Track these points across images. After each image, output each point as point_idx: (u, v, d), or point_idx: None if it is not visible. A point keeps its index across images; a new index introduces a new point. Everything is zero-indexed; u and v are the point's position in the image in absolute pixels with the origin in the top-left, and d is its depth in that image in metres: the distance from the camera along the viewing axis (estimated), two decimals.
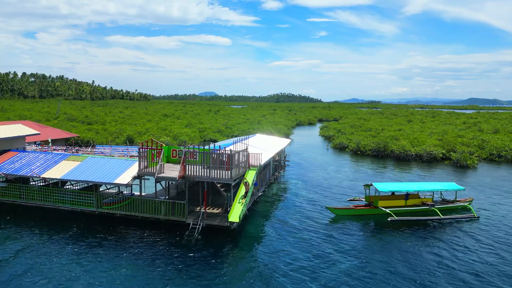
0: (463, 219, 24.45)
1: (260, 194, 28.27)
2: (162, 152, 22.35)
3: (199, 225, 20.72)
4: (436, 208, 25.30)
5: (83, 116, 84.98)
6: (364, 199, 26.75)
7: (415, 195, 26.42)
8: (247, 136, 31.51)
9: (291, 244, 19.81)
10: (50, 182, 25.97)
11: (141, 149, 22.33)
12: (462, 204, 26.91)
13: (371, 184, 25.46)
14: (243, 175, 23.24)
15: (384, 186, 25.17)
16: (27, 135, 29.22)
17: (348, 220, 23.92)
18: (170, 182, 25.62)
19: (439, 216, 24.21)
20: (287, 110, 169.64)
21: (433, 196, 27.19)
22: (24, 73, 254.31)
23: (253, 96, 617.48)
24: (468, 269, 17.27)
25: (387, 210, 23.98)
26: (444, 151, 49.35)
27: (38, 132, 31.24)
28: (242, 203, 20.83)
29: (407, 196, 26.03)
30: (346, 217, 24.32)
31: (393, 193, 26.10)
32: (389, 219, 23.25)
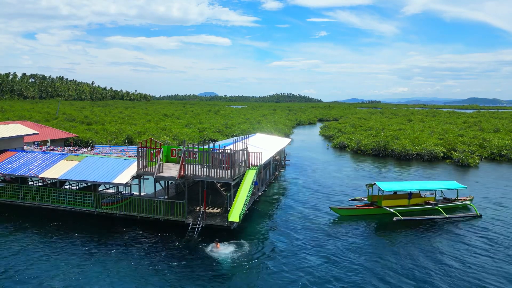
0: (466, 218, 24.29)
1: (260, 193, 28.05)
2: (161, 152, 22.12)
3: (199, 225, 20.49)
4: (439, 207, 25.12)
5: (83, 116, 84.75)
6: (366, 199, 26.53)
7: (417, 194, 26.23)
8: (247, 136, 31.28)
9: (293, 244, 19.57)
10: (49, 182, 25.74)
11: (140, 148, 22.11)
12: (463, 202, 26.76)
13: (374, 184, 25.21)
14: (243, 175, 23.00)
15: (387, 186, 24.94)
16: (25, 135, 29.01)
17: (351, 220, 23.67)
18: (169, 182, 25.39)
19: (443, 215, 24.04)
20: (287, 110, 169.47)
21: (435, 195, 27.00)
22: (24, 74, 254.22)
23: (253, 96, 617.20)
24: (475, 267, 17.04)
25: (392, 210, 23.77)
26: (445, 150, 49.14)
27: (36, 132, 31.02)
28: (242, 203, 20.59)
29: (410, 195, 25.83)
30: (350, 217, 24.06)
31: (395, 192, 25.91)
32: (394, 219, 23.02)
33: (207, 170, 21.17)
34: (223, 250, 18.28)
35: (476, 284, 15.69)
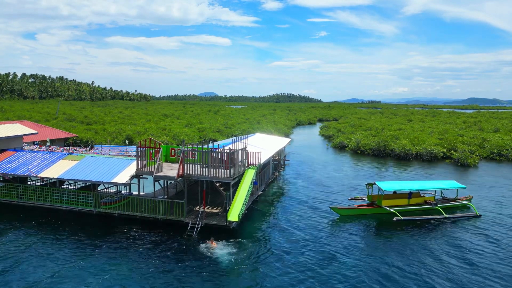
0: (466, 217, 24.29)
1: (259, 193, 28.03)
2: (161, 151, 22.11)
3: (198, 224, 20.48)
4: (439, 206, 25.11)
5: (83, 116, 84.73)
6: (366, 199, 26.50)
7: (417, 194, 26.22)
8: (247, 136, 31.28)
9: (293, 243, 19.55)
10: (48, 181, 25.72)
11: (139, 148, 22.09)
12: (463, 202, 26.75)
13: (374, 183, 25.19)
14: (242, 174, 22.98)
15: (387, 185, 24.91)
16: (24, 135, 29.02)
17: (351, 220, 23.64)
18: (168, 182, 25.37)
19: (443, 214, 24.04)
20: (287, 110, 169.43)
21: (435, 194, 26.99)
22: (24, 74, 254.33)
23: (253, 97, 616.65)
24: (474, 266, 17.04)
25: (392, 210, 23.74)
26: (445, 150, 49.13)
27: (36, 132, 31.02)
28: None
29: (410, 195, 25.81)
30: (350, 217, 24.03)
31: (395, 192, 25.89)
32: (394, 219, 22.99)
33: (206, 169, 21.17)
34: (223, 250, 18.27)
35: (476, 282, 15.68)
